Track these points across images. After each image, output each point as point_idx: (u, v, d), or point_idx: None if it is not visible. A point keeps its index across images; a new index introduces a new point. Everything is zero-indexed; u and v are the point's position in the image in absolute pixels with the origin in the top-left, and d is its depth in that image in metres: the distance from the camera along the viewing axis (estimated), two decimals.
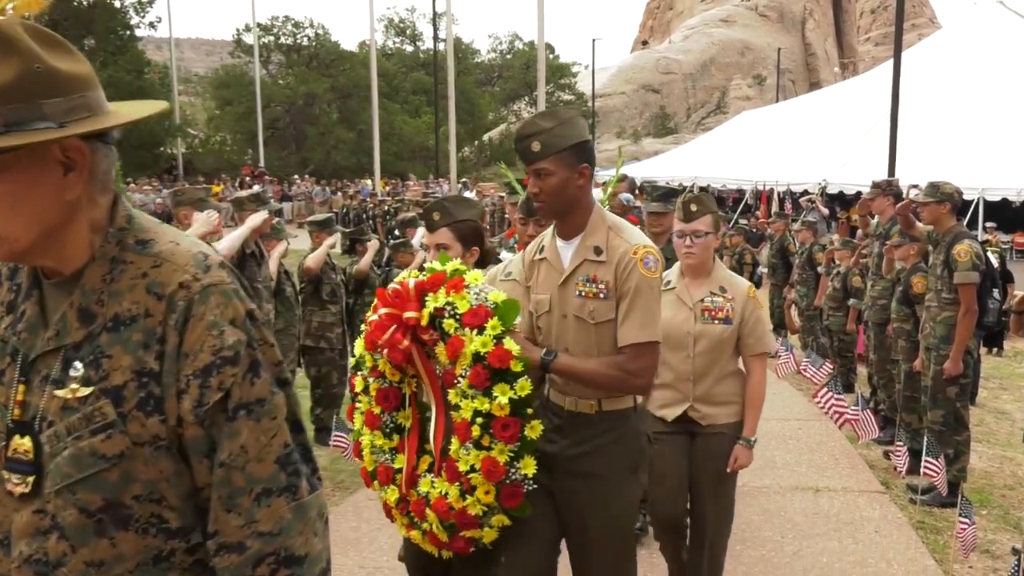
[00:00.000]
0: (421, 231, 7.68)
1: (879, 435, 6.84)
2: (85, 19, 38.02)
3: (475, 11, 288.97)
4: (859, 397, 6.75)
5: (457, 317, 2.84)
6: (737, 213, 24.86)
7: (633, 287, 2.88)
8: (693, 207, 3.88)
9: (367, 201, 28.77)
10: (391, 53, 57.39)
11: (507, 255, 4.41)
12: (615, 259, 2.91)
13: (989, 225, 18.54)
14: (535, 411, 2.84)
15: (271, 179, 36.41)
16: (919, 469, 5.62)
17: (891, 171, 15.26)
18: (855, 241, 9.46)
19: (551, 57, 56.52)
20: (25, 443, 1.44)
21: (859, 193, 16.70)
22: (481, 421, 2.79)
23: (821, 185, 21.29)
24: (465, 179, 35.85)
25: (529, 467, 2.83)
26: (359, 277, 7.95)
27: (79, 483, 1.41)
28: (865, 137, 22.52)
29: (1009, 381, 10.04)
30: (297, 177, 39.28)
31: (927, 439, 5.61)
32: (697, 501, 3.94)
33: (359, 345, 3.17)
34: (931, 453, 5.41)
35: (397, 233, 11.26)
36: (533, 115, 3.10)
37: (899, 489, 6.22)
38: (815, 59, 73.32)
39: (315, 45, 49.90)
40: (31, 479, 1.43)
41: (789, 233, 12.23)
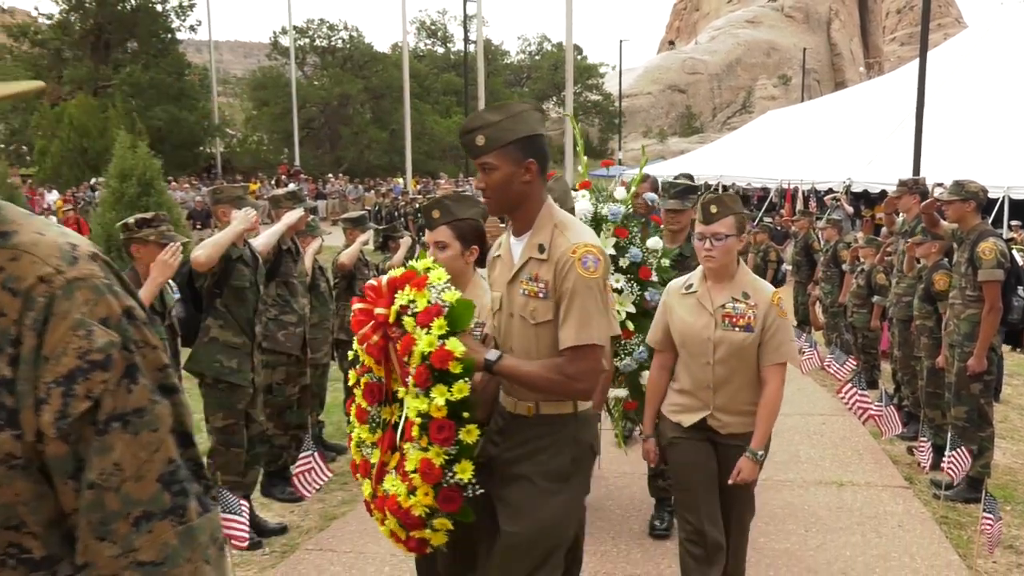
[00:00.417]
0: None
1: (903, 431, 6.87)
2: (129, 23, 39.10)
3: (505, 13, 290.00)
4: (883, 393, 6.77)
5: (415, 315, 2.83)
6: (762, 211, 24.83)
7: (571, 288, 2.75)
8: (713, 208, 3.66)
9: (399, 199, 28.89)
10: (423, 55, 58.11)
11: None
12: (555, 258, 2.79)
13: (1014, 223, 18.38)
14: (481, 416, 2.79)
15: (306, 177, 36.79)
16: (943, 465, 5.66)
17: (916, 170, 15.21)
18: (879, 239, 9.48)
19: (579, 58, 56.88)
20: None
21: (884, 192, 16.68)
22: (420, 421, 2.77)
23: (846, 184, 21.21)
24: None
25: (466, 472, 2.77)
26: None
27: None
28: (890, 136, 22.42)
29: None
30: (331, 175, 39.79)
31: (950, 435, 5.64)
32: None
33: (356, 340, 3.22)
34: (953, 449, 5.44)
35: None
36: (482, 108, 2.96)
37: (922, 484, 6.23)
38: (840, 59, 72.89)
39: (349, 47, 50.69)
40: None
41: (813, 231, 12.26)
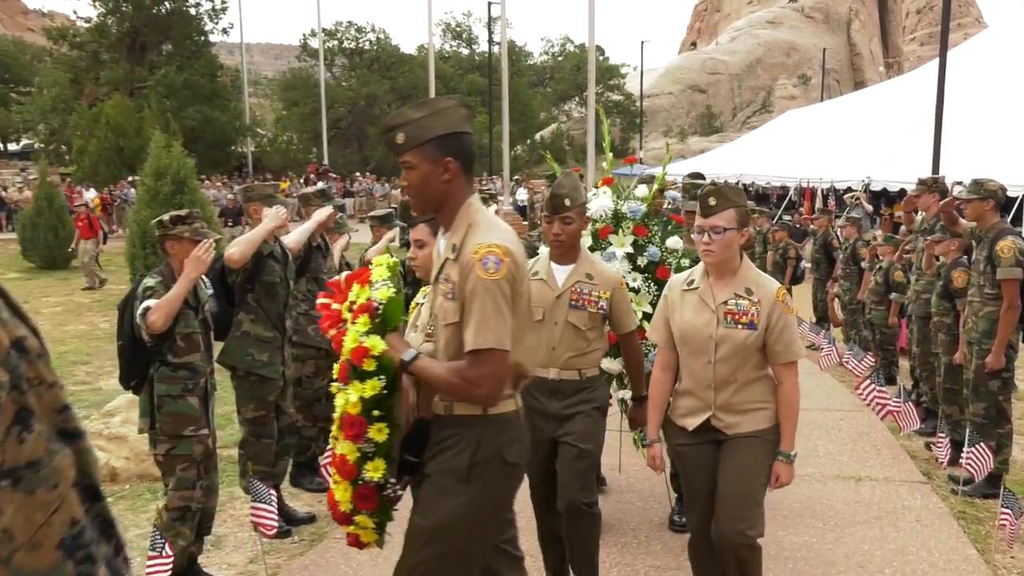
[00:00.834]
0: None
1: (920, 427, 6.90)
2: (163, 26, 39.68)
3: (528, 15, 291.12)
4: (901, 389, 6.80)
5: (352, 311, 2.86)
6: (781, 209, 24.80)
7: (471, 289, 2.67)
8: (712, 200, 3.50)
9: None
10: (448, 56, 58.39)
11: (545, 250, 4.36)
12: (463, 259, 2.71)
13: None
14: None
15: (335, 176, 36.94)
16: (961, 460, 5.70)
17: (935, 169, 15.16)
18: (897, 237, 9.51)
19: (601, 59, 57.02)
20: None
21: (903, 190, 16.68)
22: (337, 416, 2.79)
23: (865, 182, 21.14)
24: (517, 176, 36.50)
25: (378, 471, 2.75)
26: None
27: None
28: (909, 135, 22.32)
29: None
30: (359, 174, 40.19)
31: (968, 431, 5.67)
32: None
33: None
34: (972, 446, 5.48)
35: None
36: (407, 105, 2.94)
37: (940, 480, 6.26)
38: (860, 59, 72.42)
39: (376, 49, 51.14)
40: None
41: (832, 229, 12.28)
